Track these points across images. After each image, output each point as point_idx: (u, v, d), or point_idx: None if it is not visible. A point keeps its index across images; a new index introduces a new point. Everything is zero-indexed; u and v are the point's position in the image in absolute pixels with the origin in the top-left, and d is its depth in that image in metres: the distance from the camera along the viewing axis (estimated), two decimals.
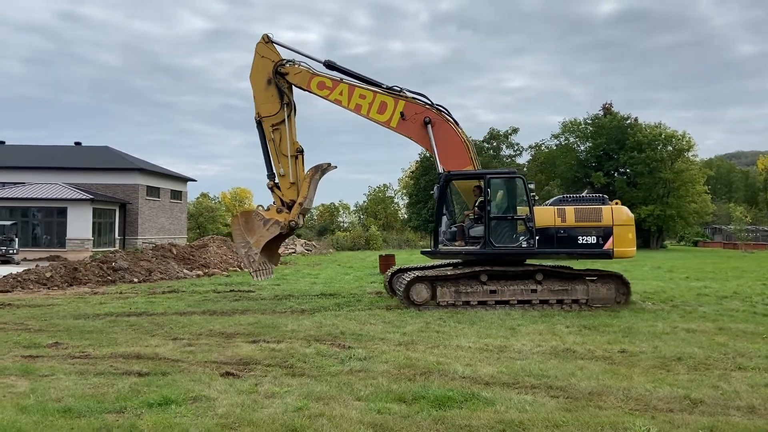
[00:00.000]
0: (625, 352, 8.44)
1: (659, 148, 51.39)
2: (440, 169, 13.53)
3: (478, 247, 12.93)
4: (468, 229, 13.35)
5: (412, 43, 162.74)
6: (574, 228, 12.70)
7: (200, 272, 22.41)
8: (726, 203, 70.18)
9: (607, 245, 12.62)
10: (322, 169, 14.01)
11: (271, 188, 14.21)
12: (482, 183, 12.96)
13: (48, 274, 18.32)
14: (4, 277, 17.95)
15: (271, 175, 14.19)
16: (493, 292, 12.72)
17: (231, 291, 16.69)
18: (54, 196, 36.26)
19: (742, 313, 12.14)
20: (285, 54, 14.27)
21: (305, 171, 14.01)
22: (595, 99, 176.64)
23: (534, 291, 12.73)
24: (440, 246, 13.32)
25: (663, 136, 51.99)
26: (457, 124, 14.00)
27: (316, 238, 57.57)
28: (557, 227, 12.71)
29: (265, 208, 14.12)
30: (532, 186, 13.05)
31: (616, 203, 13.18)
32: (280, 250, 14.64)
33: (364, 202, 79.70)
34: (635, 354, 8.31)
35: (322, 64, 14.26)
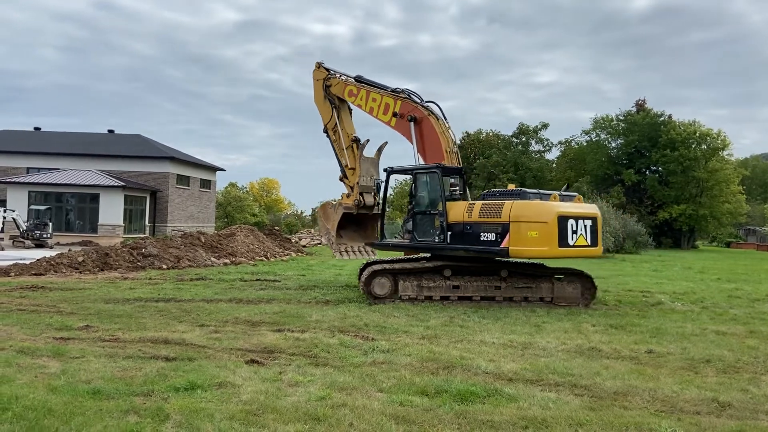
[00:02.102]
0: (652, 352, 8.32)
1: (693, 146, 50.31)
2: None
3: (409, 240, 13.28)
4: (405, 223, 13.83)
5: (441, 37, 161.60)
6: (478, 224, 12.02)
7: (227, 261, 22.67)
8: (761, 204, 68.54)
9: (504, 243, 11.57)
10: (361, 145, 14.94)
11: (341, 180, 15.55)
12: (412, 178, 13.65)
13: (80, 259, 18.72)
14: (38, 260, 18.40)
15: (342, 171, 15.56)
16: (456, 287, 12.55)
17: (257, 280, 16.86)
18: (87, 183, 37.03)
19: None
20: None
21: None
22: (627, 96, 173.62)
23: (498, 288, 12.55)
24: (385, 239, 14.15)
25: (697, 134, 50.88)
26: (440, 119, 14.25)
27: None
28: (464, 222, 12.26)
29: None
30: (453, 180, 13.00)
31: (578, 199, 12.60)
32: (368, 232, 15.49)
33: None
34: (663, 355, 8.19)
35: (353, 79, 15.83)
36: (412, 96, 14.54)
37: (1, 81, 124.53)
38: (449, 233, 12.42)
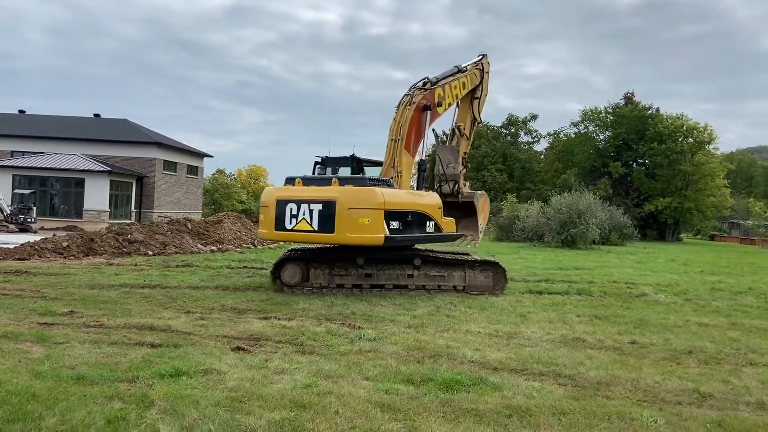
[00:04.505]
0: (635, 343, 8.41)
1: (680, 139, 50.72)
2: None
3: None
4: None
5: (431, 26, 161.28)
6: None
7: (214, 248, 22.58)
8: (745, 198, 69.28)
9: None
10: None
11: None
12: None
13: (65, 244, 18.56)
14: (22, 245, 18.22)
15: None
16: (368, 275, 12.52)
17: (244, 267, 16.81)
18: (72, 167, 36.63)
19: (756, 309, 12.03)
20: None
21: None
22: (616, 88, 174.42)
23: (411, 276, 12.60)
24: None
25: (684, 128, 51.31)
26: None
27: None
28: None
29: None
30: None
31: (335, 183, 11.61)
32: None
33: None
34: (645, 346, 8.28)
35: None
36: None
37: None
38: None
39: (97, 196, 36.30)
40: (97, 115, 47.91)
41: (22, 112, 48.31)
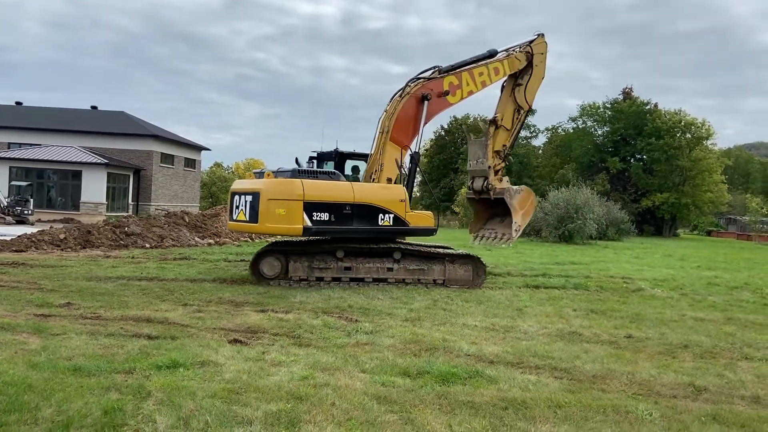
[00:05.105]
0: (631, 337, 8.44)
1: (678, 135, 50.70)
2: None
3: None
4: None
5: (430, 20, 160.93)
6: None
7: (211, 241, 22.56)
8: (742, 194, 69.39)
9: None
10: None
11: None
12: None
13: (62, 236, 18.53)
14: (18, 236, 18.19)
15: None
16: (348, 268, 12.52)
17: (241, 260, 16.79)
18: (69, 159, 36.53)
19: (752, 304, 12.07)
20: None
21: None
22: (614, 84, 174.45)
23: (390, 269, 12.61)
24: None
25: (682, 123, 51.26)
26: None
27: None
28: None
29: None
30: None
31: (268, 175, 12.05)
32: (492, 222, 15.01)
33: None
34: (641, 340, 8.31)
35: None
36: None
37: None
38: None
39: (94, 188, 36.22)
40: (94, 108, 47.75)
41: (19, 103, 48.15)
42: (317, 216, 11.49)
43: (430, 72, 13.47)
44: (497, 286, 13.19)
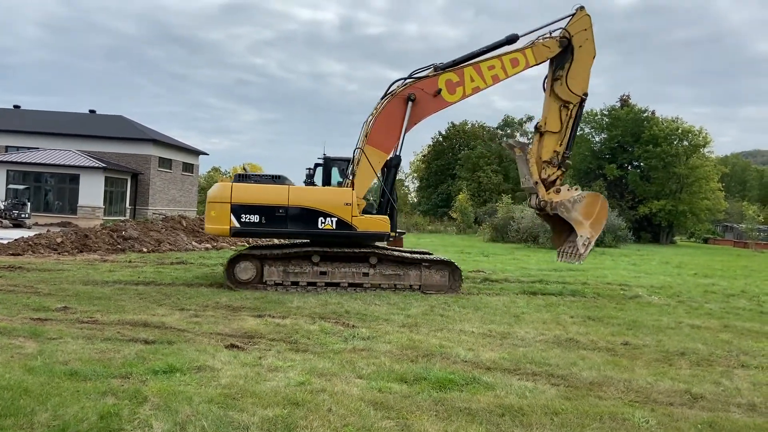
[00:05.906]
0: (628, 344, 8.45)
1: (675, 142, 50.82)
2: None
3: None
4: None
5: (428, 27, 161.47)
6: None
7: (209, 245, 22.53)
8: (739, 201, 69.51)
9: None
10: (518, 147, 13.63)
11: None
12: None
13: (59, 240, 18.50)
14: (15, 240, 18.15)
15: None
16: (323, 273, 12.54)
17: None
18: (67, 163, 36.47)
19: (748, 311, 12.09)
20: None
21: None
22: (611, 91, 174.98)
23: (366, 275, 12.62)
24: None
25: (680, 131, 51.39)
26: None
27: None
28: None
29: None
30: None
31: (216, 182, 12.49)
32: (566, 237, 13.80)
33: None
34: (638, 347, 8.31)
35: None
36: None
37: None
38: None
39: (91, 192, 36.15)
40: (92, 111, 47.74)
41: (16, 107, 48.09)
42: (246, 218, 12.05)
43: (427, 71, 12.95)
44: (494, 293, 13.19)
